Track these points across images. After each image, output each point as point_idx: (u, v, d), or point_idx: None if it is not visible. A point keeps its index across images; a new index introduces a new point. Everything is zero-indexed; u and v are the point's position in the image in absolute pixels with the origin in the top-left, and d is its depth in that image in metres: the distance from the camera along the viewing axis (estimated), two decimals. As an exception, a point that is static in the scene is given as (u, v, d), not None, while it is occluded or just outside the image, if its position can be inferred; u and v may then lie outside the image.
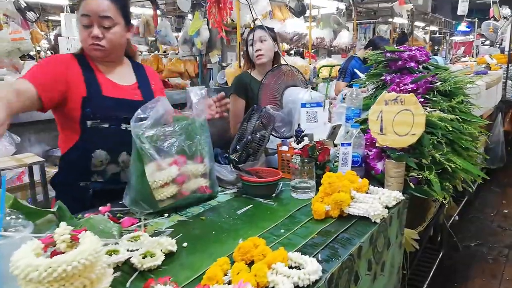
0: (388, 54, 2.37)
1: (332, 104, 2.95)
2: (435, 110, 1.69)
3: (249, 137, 1.61)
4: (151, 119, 1.31)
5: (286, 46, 9.91)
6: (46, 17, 10.14)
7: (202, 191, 1.44)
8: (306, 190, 1.48)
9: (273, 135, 1.95)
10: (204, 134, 1.47)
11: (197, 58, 6.35)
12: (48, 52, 8.98)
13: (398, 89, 1.95)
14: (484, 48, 7.59)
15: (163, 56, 8.00)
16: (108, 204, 1.38)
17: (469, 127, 1.68)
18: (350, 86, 3.24)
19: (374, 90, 2.48)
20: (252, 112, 1.69)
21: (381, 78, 2.45)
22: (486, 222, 3.54)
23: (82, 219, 1.18)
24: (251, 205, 1.42)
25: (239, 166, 1.57)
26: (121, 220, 1.27)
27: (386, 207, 1.34)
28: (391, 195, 1.39)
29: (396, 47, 2.40)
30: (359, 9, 9.48)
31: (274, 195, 1.52)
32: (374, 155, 1.58)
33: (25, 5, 5.00)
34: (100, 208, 1.36)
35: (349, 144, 1.56)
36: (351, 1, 8.57)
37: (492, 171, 4.34)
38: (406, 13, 7.85)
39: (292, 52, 10.37)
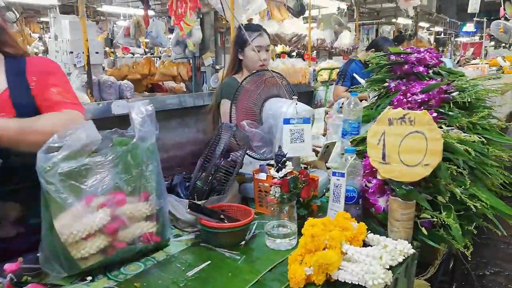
0: (393, 57, 2.02)
1: (328, 114, 2.59)
2: (453, 128, 1.33)
3: (215, 164, 1.25)
4: (67, 149, 0.95)
5: (284, 48, 9.58)
6: (39, 18, 9.86)
7: (146, 240, 1.09)
8: (285, 238, 1.13)
9: (251, 156, 1.59)
10: (152, 163, 1.12)
11: (190, 60, 6.01)
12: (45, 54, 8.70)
13: (404, 100, 1.59)
14: (493, 50, 7.19)
15: (158, 58, 7.67)
16: (20, 259, 1.03)
17: (495, 150, 1.32)
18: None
19: (376, 98, 2.13)
20: (220, 131, 1.33)
21: (384, 84, 2.10)
22: (501, 245, 3.15)
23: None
24: (209, 262, 1.06)
25: (199, 203, 1.21)
26: (24, 288, 0.92)
27: (390, 267, 0.98)
28: (396, 249, 1.03)
29: (401, 49, 2.05)
30: (361, 9, 9.12)
31: (243, 243, 1.16)
32: (374, 187, 1.22)
33: (3, 5, 4.69)
34: (6, 265, 1.00)
35: (342, 175, 1.20)
36: (352, 1, 8.22)
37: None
38: (413, 10, 7.46)
39: (294, 53, 10.02)
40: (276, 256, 1.08)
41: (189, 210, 1.12)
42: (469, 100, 1.45)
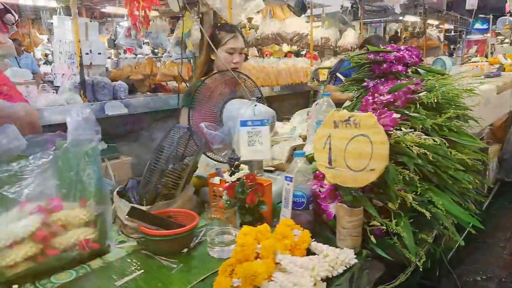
0: (372, 56, 1.95)
1: (309, 115, 2.53)
2: (413, 131, 1.26)
3: (161, 169, 1.21)
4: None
5: (291, 48, 9.47)
6: (48, 20, 9.97)
7: (82, 247, 1.05)
8: (227, 246, 1.08)
9: (212, 158, 1.55)
10: (91, 168, 1.08)
11: (191, 60, 6.00)
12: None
13: (371, 100, 1.53)
14: (502, 47, 7.00)
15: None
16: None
17: (459, 153, 1.25)
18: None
19: (356, 98, 2.06)
20: (170, 133, 1.30)
21: (363, 84, 2.04)
22: (496, 249, 3.04)
23: None
24: (142, 271, 1.02)
25: (144, 208, 1.17)
26: None
27: (327, 278, 0.93)
28: (338, 259, 0.97)
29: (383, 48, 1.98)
30: (367, 7, 8.98)
31: (185, 250, 1.12)
32: (326, 193, 1.17)
33: (2, 7, 4.73)
34: None
35: (290, 179, 1.15)
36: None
37: (507, 185, 3.83)
38: (399, 7, 7.28)
39: (303, 52, 9.89)
40: (216, 265, 1.04)
41: (127, 216, 1.09)
42: (435, 101, 1.38)
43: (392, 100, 1.45)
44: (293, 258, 0.95)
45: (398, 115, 1.38)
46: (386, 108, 1.42)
